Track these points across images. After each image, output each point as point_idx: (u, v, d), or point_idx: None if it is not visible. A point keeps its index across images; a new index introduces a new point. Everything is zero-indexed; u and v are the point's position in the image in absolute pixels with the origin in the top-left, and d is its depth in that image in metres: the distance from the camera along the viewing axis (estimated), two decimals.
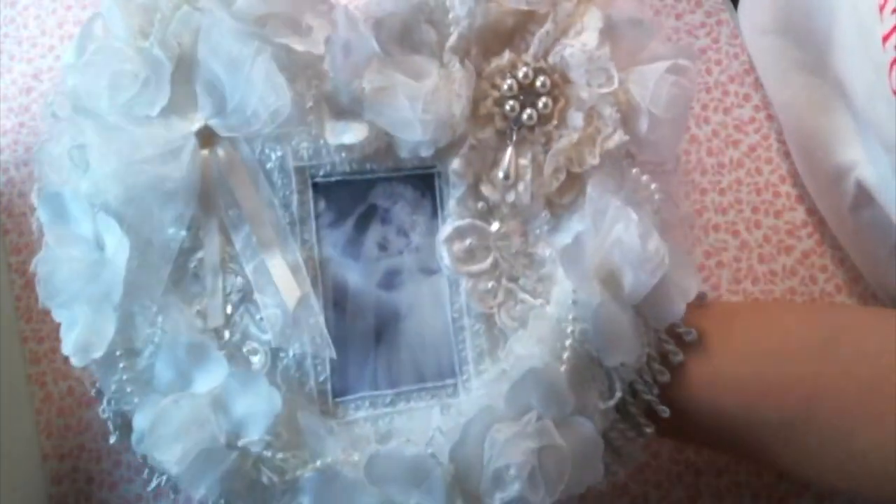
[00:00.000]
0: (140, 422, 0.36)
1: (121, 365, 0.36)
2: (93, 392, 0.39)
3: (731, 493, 0.48)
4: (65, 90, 0.38)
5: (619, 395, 0.37)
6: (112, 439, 0.39)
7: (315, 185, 0.39)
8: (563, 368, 0.36)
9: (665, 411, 0.38)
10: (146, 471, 0.39)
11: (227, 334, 0.38)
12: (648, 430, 0.38)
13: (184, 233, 0.37)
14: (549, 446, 0.35)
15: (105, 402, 0.39)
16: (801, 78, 0.48)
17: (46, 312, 0.50)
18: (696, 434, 0.41)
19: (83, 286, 0.36)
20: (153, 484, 0.39)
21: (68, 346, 0.36)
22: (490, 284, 0.39)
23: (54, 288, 0.36)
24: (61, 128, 0.38)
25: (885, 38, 0.38)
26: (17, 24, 0.57)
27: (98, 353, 0.36)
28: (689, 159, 0.53)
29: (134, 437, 0.36)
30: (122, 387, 0.36)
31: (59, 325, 0.49)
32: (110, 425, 0.39)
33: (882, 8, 0.38)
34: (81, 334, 0.36)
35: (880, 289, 0.49)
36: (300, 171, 0.38)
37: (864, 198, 0.45)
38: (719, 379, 0.38)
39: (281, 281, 0.37)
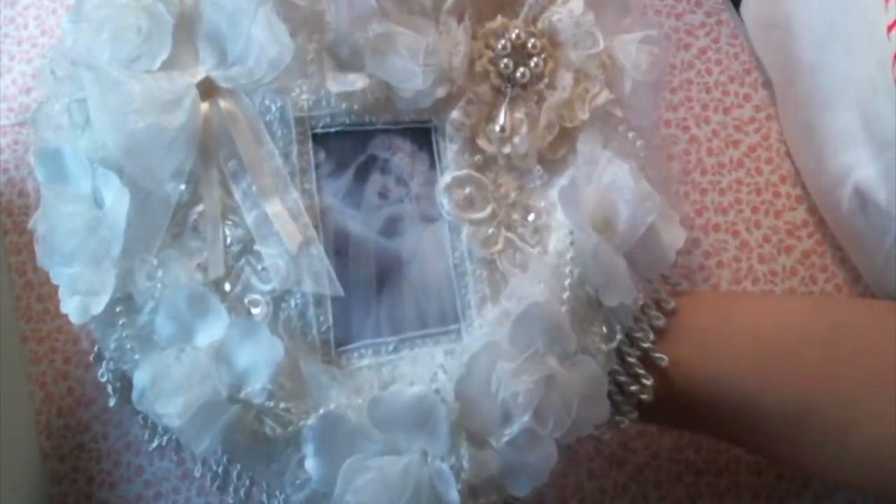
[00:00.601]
0: (140, 378, 0.35)
1: (120, 322, 0.36)
2: (92, 357, 0.39)
3: (730, 493, 0.49)
4: (63, 49, 0.38)
5: (619, 337, 0.38)
6: (111, 402, 0.39)
7: (315, 136, 0.39)
8: (563, 309, 0.37)
9: (663, 359, 0.38)
10: (147, 432, 0.38)
11: (227, 286, 0.37)
12: (647, 381, 0.38)
13: (183, 186, 0.37)
14: (555, 379, 0.35)
15: (104, 364, 0.38)
16: (803, 75, 0.48)
17: (46, 312, 0.50)
18: (695, 423, 0.41)
19: (82, 242, 0.36)
20: (154, 444, 0.39)
21: (68, 304, 0.36)
22: (490, 231, 0.39)
23: (53, 245, 0.36)
24: (59, 87, 0.38)
25: (890, 28, 0.38)
26: (17, 24, 0.57)
27: (97, 310, 0.35)
28: (690, 159, 0.53)
29: (134, 394, 0.35)
30: (121, 344, 0.36)
31: (58, 325, 0.50)
32: (109, 388, 0.39)
33: None
34: (81, 291, 0.36)
35: (879, 289, 0.49)
36: (300, 121, 0.38)
37: (863, 199, 0.45)
38: (719, 370, 0.38)
39: (282, 226, 0.37)
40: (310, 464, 0.35)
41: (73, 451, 0.48)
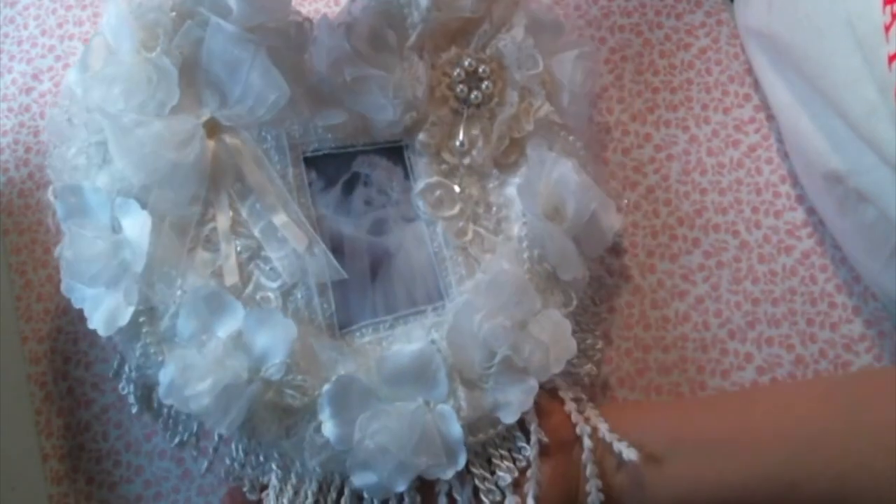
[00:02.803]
0: (166, 374, 0.39)
1: (144, 330, 0.40)
2: (111, 373, 0.43)
3: None
4: (73, 98, 0.43)
5: (575, 302, 0.45)
6: (133, 409, 0.43)
7: (306, 159, 0.47)
8: (527, 277, 0.44)
9: (601, 311, 0.49)
10: (169, 430, 0.42)
11: (240, 288, 0.42)
12: (600, 343, 0.48)
13: (197, 209, 0.43)
14: (526, 323, 0.42)
15: (125, 378, 0.43)
16: (795, 81, 0.48)
17: (46, 312, 0.50)
18: None
19: (105, 264, 0.40)
20: (176, 440, 0.43)
21: (95, 319, 0.40)
22: (460, 224, 0.47)
23: (79, 269, 0.40)
24: (74, 132, 0.43)
25: (893, 59, 0.38)
26: (17, 24, 0.57)
27: (124, 321, 0.40)
28: (690, 159, 0.53)
29: (161, 389, 0.39)
30: (146, 350, 0.40)
31: (58, 325, 0.50)
32: (131, 398, 0.43)
33: (888, 28, 0.38)
34: (107, 307, 0.40)
35: (878, 289, 0.49)
36: (293, 147, 0.46)
37: (860, 201, 0.45)
38: (738, 478, 0.39)
39: (290, 233, 0.43)
40: (327, 427, 0.39)
41: (73, 451, 0.48)
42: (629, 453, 0.39)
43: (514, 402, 0.41)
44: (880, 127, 0.40)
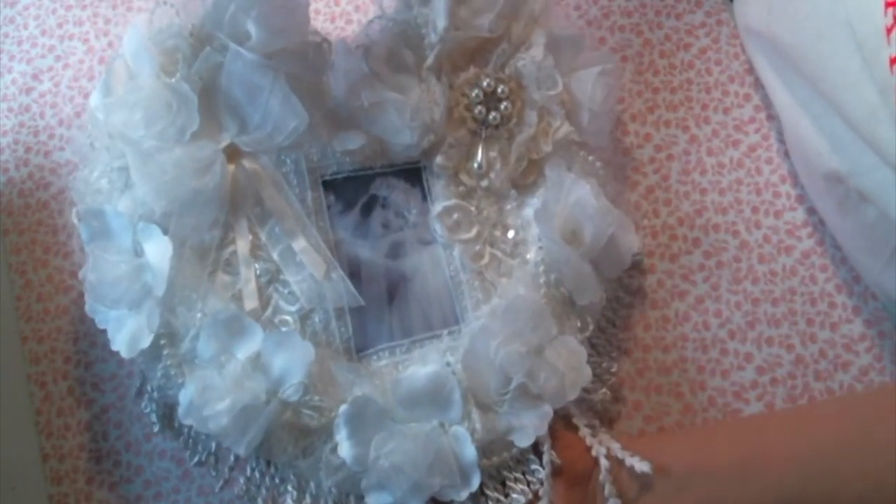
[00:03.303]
0: (186, 394, 0.40)
1: (165, 352, 0.41)
2: (134, 392, 0.45)
3: None
4: (95, 122, 0.44)
5: (591, 328, 0.45)
6: (155, 428, 0.44)
7: (324, 183, 0.47)
8: (543, 302, 0.44)
9: (629, 344, 0.48)
10: (189, 449, 0.44)
11: (259, 311, 0.44)
12: (614, 355, 0.48)
13: (217, 233, 0.44)
14: (542, 349, 0.42)
15: (147, 398, 0.44)
16: (795, 82, 0.48)
17: (46, 312, 0.50)
18: None
19: (127, 287, 0.41)
20: (195, 459, 0.44)
21: (118, 342, 0.41)
22: (477, 248, 0.47)
23: (102, 292, 0.41)
24: (96, 157, 0.44)
25: (894, 61, 0.38)
26: (17, 24, 0.57)
27: (145, 344, 0.41)
28: (690, 159, 0.53)
29: (181, 410, 0.40)
30: (167, 372, 0.42)
31: (58, 325, 0.50)
32: (154, 416, 0.44)
33: (890, 31, 0.38)
34: (130, 329, 0.41)
35: (878, 289, 0.49)
36: (312, 171, 0.47)
37: (860, 202, 0.45)
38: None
39: (309, 259, 0.44)
40: (343, 447, 0.40)
41: (73, 451, 0.48)
42: (642, 466, 0.39)
43: (529, 426, 0.41)
44: (880, 129, 0.40)
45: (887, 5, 0.38)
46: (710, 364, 0.49)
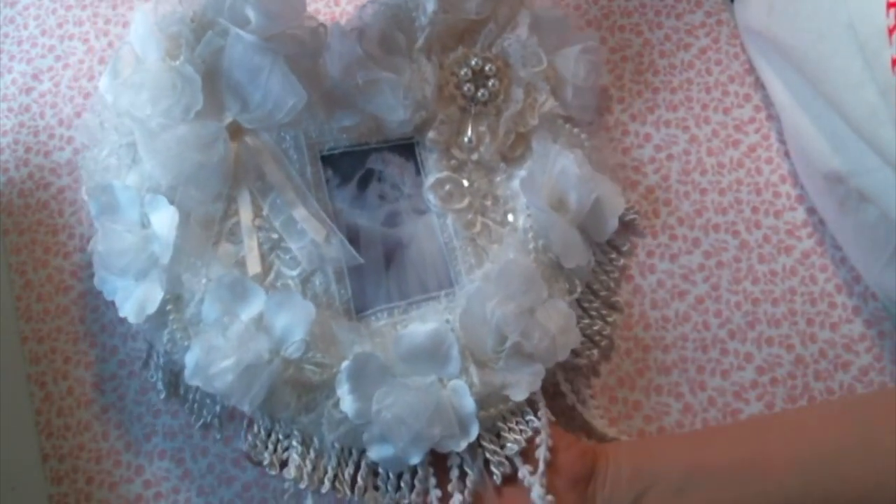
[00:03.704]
0: (192, 357, 0.42)
1: (171, 317, 0.44)
2: (140, 364, 0.47)
3: None
4: (104, 103, 0.47)
5: (580, 289, 0.47)
6: (161, 395, 0.47)
7: (323, 157, 0.50)
8: (533, 266, 0.46)
9: (619, 302, 0.50)
10: (194, 414, 0.46)
11: (262, 276, 0.46)
12: (610, 319, 0.49)
13: (221, 205, 0.46)
14: (534, 311, 0.44)
15: (153, 366, 0.47)
16: (796, 83, 0.48)
17: (46, 312, 0.50)
18: None
19: (134, 256, 0.44)
20: (201, 422, 0.46)
21: (126, 309, 0.44)
22: (469, 216, 0.49)
23: (110, 261, 0.44)
24: (103, 136, 0.47)
25: (895, 63, 0.38)
26: (17, 24, 0.57)
27: (152, 309, 0.43)
28: (690, 159, 0.53)
29: (187, 373, 0.42)
30: (173, 337, 0.44)
31: (58, 325, 0.50)
32: (160, 384, 0.47)
33: (892, 31, 0.38)
34: (137, 297, 0.43)
35: (880, 290, 0.49)
36: (311, 147, 0.49)
37: (861, 202, 0.45)
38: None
39: (308, 225, 0.46)
40: (345, 402, 0.42)
41: (73, 451, 0.48)
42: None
43: (523, 382, 0.43)
44: (881, 130, 0.40)
45: (889, 6, 0.38)
46: (710, 364, 0.49)
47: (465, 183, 0.50)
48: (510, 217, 0.49)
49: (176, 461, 0.48)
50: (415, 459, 0.41)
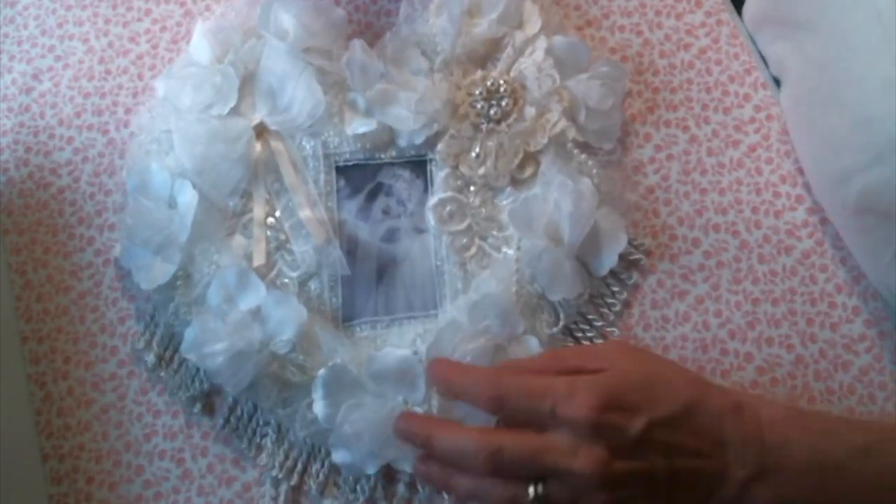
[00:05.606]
0: (191, 332, 0.47)
1: (179, 292, 0.48)
2: (138, 338, 0.49)
3: None
4: (156, 96, 0.53)
5: (562, 322, 0.49)
6: (149, 362, 0.49)
7: (337, 168, 0.52)
8: (514, 299, 0.48)
9: (615, 332, 0.50)
10: (181, 387, 0.48)
11: (265, 271, 0.50)
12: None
13: (238, 199, 0.50)
14: (503, 348, 0.46)
15: (147, 330, 0.50)
16: (809, 72, 0.48)
17: (46, 312, 0.50)
18: None
19: (158, 231, 0.48)
20: (189, 393, 0.48)
21: (140, 276, 0.49)
22: (465, 240, 0.51)
23: (136, 232, 0.49)
24: (151, 123, 0.52)
25: None
26: (17, 24, 0.57)
27: (164, 279, 0.48)
28: (690, 159, 0.53)
29: (184, 346, 0.47)
30: (177, 310, 0.48)
31: (58, 325, 0.50)
32: (151, 356, 0.49)
33: None
34: (153, 266, 0.48)
35: (884, 288, 0.49)
36: (327, 157, 0.52)
37: (869, 200, 0.45)
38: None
39: (312, 226, 0.50)
40: (317, 406, 0.46)
41: (73, 451, 0.48)
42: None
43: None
44: (893, 103, 0.40)
45: None
46: (710, 364, 0.49)
47: (469, 203, 0.51)
48: (506, 243, 0.50)
49: (176, 461, 0.48)
50: (371, 470, 0.46)
